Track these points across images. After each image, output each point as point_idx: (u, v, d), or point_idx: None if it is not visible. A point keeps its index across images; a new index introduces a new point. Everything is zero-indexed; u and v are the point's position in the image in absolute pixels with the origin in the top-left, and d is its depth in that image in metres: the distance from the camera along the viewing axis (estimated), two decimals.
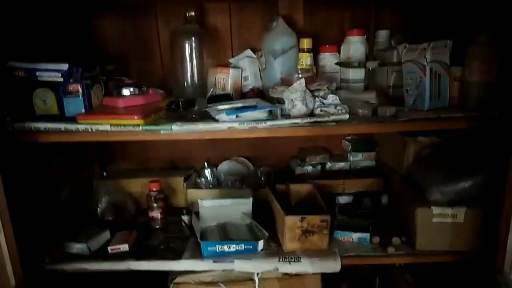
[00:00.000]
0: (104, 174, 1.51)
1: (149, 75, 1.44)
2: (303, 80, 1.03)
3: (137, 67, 1.44)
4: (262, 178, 1.43)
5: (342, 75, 1.30)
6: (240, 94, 1.34)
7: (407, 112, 1.02)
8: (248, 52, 1.36)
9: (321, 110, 1.01)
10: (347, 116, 0.97)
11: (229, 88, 1.31)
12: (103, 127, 0.98)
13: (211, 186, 1.39)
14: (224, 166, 1.50)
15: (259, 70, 1.35)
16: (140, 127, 0.97)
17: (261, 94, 1.28)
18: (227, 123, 0.98)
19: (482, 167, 0.99)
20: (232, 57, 1.42)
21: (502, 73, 0.92)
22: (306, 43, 1.23)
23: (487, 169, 0.97)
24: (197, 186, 1.39)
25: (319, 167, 1.44)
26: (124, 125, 0.97)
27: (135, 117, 0.98)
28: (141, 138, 0.99)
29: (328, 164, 1.43)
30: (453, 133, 1.17)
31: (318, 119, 0.97)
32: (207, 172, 1.43)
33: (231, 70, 1.31)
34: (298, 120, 0.97)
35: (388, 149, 1.34)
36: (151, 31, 1.41)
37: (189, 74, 1.30)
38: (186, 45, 1.25)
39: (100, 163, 1.52)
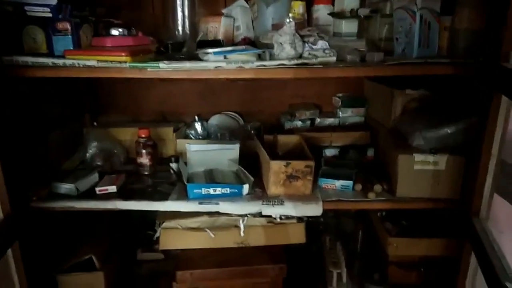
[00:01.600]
0: (95, 123, 1.52)
1: (140, 24, 1.41)
2: (293, 24, 1.02)
3: (128, 16, 1.42)
4: (252, 132, 1.44)
5: (335, 28, 1.28)
6: (232, 43, 1.33)
7: (395, 59, 1.02)
8: (241, 1, 1.35)
9: (309, 54, 1.01)
10: (334, 59, 0.97)
11: (220, 37, 1.30)
12: (90, 63, 0.97)
13: (200, 137, 1.40)
14: (214, 120, 1.51)
15: (252, 20, 1.34)
16: (127, 63, 0.97)
17: (252, 44, 1.28)
18: (214, 62, 0.98)
19: (466, 116, 1.00)
20: (225, 7, 1.40)
21: (489, 20, 0.92)
22: None
23: (470, 117, 0.98)
24: (186, 137, 1.40)
25: (308, 122, 1.45)
26: (111, 61, 0.97)
27: (123, 54, 0.97)
28: (128, 75, 0.99)
29: (318, 120, 1.44)
30: (442, 86, 1.18)
31: (305, 61, 0.97)
32: (197, 125, 1.45)
33: (222, 19, 1.30)
34: (285, 61, 0.97)
35: (377, 104, 1.35)
36: None
37: (180, 22, 1.29)
38: None
39: (91, 113, 1.53)
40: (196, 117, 1.46)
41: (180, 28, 1.29)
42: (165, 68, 0.97)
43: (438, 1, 1.02)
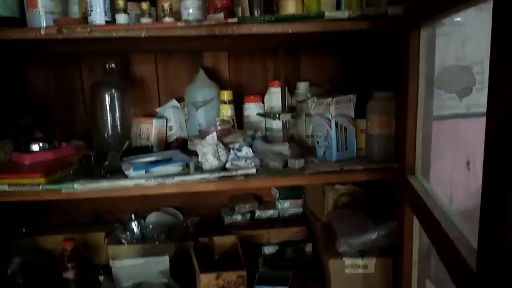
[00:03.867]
0: (23, 230, 1.42)
1: (72, 125, 1.42)
2: (215, 134, 1.04)
3: (61, 116, 1.41)
4: (191, 229, 1.40)
5: (267, 124, 1.33)
6: (165, 143, 1.33)
7: (315, 164, 1.04)
8: (173, 102, 1.37)
9: (231, 164, 1.01)
10: (254, 171, 0.98)
11: (152, 138, 1.30)
12: (1, 187, 0.93)
13: (134, 240, 1.34)
14: (152, 217, 1.46)
15: (185, 120, 1.36)
16: (40, 186, 0.93)
17: (185, 143, 1.28)
18: (134, 179, 0.96)
19: (389, 217, 1.02)
20: (159, 106, 1.43)
21: (397, 127, 0.98)
22: (226, 95, 1.26)
23: (393, 220, 1.00)
24: (119, 241, 1.33)
25: (248, 215, 1.43)
26: (24, 185, 0.93)
27: (37, 176, 0.94)
28: (42, 198, 0.95)
29: (257, 213, 1.43)
30: (368, 181, 1.21)
31: (226, 174, 0.98)
32: (134, 224, 1.39)
33: (154, 120, 1.31)
34: (207, 175, 0.97)
35: (311, 197, 1.36)
36: (75, 81, 1.40)
37: (109, 125, 1.27)
38: (106, 96, 1.24)
39: (21, 219, 1.44)
40: (133, 216, 1.40)
41: (110, 130, 1.28)
42: (81, 189, 0.94)
43: (351, 106, 1.08)
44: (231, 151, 1.08)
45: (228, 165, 1.02)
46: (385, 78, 1.11)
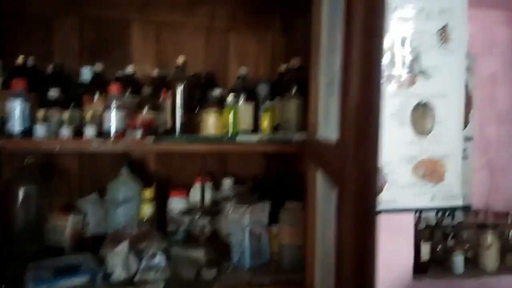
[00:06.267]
0: None
1: None
2: (126, 243, 1.03)
3: None
4: None
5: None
6: (80, 239, 1.28)
7: (228, 273, 1.05)
8: (93, 196, 1.34)
9: (139, 278, 0.99)
10: (161, 286, 0.97)
11: (66, 235, 1.24)
12: None
13: None
14: None
15: (104, 216, 1.32)
16: None
17: (101, 241, 1.23)
18: None
19: None
20: (80, 197, 1.39)
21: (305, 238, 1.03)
22: (148, 193, 1.26)
23: None
24: None
25: None
26: None
27: None
28: None
29: None
30: None
31: None
32: None
33: (71, 217, 1.26)
34: None
35: None
36: None
37: (23, 220, 1.21)
38: (20, 193, 1.19)
39: None
40: None
41: (22, 225, 1.21)
42: None
43: (266, 214, 1.13)
44: (144, 258, 1.06)
45: (136, 278, 1.00)
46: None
